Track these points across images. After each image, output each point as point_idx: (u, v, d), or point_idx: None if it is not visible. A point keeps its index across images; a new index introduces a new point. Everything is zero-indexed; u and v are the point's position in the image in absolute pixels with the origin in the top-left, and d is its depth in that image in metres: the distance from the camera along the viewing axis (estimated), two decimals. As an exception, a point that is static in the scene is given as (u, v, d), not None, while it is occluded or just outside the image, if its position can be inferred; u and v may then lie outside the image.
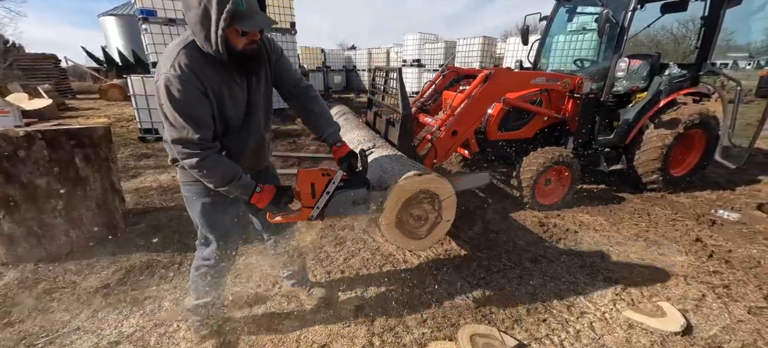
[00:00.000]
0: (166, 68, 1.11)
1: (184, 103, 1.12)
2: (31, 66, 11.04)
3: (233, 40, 1.14)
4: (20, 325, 1.73)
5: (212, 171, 1.23)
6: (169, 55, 1.14)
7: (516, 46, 11.36)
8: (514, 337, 1.70)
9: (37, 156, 2.09)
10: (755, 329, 1.78)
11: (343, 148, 1.51)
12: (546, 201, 3.20)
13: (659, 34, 14.62)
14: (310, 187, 1.42)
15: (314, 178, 1.43)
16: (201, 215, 1.43)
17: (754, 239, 2.71)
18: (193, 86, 1.13)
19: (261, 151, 1.51)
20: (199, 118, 1.17)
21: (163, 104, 1.13)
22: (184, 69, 1.12)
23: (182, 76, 1.11)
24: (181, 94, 1.11)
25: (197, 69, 1.14)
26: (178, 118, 1.13)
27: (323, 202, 1.43)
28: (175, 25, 6.69)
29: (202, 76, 1.15)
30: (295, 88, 1.50)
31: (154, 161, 4.50)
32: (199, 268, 1.55)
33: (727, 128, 3.54)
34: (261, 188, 1.35)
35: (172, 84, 1.10)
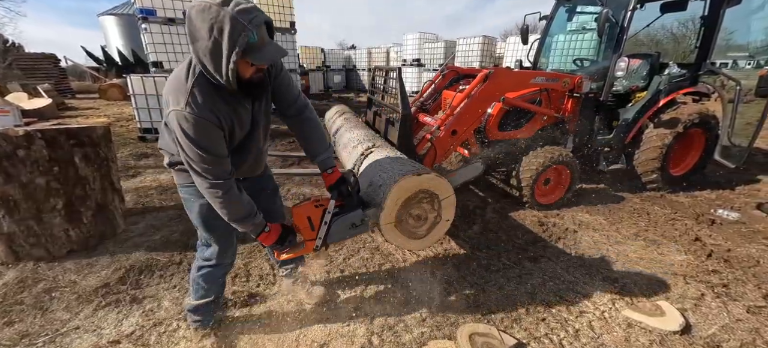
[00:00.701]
0: (180, 105, 1.10)
1: (202, 140, 1.13)
2: (31, 65, 11.03)
3: (242, 70, 1.13)
4: (20, 324, 1.73)
5: (232, 206, 1.26)
6: (181, 89, 1.12)
7: (516, 45, 11.36)
8: (514, 336, 1.70)
9: (36, 155, 2.09)
10: (754, 328, 1.79)
11: (333, 175, 1.53)
12: (545, 200, 3.20)
13: (659, 33, 14.63)
14: (307, 221, 1.47)
15: (309, 212, 1.48)
16: (199, 217, 1.44)
17: (753, 238, 2.71)
18: (209, 122, 1.13)
19: (259, 160, 1.52)
20: (218, 150, 1.18)
21: (180, 141, 1.14)
22: (199, 106, 1.11)
23: (197, 113, 1.10)
24: (197, 132, 1.11)
25: (210, 103, 1.14)
26: (198, 153, 1.14)
27: (323, 232, 1.49)
28: (174, 25, 6.68)
29: (215, 109, 1.15)
30: (291, 107, 1.50)
31: (154, 161, 4.50)
32: (201, 269, 1.55)
33: (726, 128, 3.54)
34: (270, 228, 1.40)
35: (186, 122, 1.10)
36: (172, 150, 1.33)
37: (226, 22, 0.98)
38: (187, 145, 1.13)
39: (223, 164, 1.21)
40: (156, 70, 6.89)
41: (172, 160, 1.37)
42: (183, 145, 1.14)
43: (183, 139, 1.12)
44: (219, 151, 1.19)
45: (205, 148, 1.14)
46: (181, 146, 1.15)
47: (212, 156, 1.16)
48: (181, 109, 1.10)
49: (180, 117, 1.10)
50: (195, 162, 1.16)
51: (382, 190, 1.56)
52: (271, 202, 1.68)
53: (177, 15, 6.68)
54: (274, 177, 1.78)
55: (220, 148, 1.19)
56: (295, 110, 1.50)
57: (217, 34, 1.00)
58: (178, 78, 1.15)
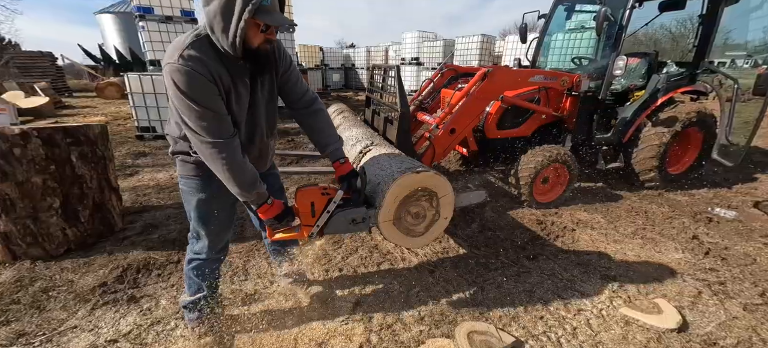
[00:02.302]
0: (173, 58, 1.07)
1: (195, 92, 1.09)
2: (28, 64, 10.96)
3: (251, 34, 1.12)
4: (17, 323, 1.72)
5: (237, 168, 1.20)
6: (177, 45, 1.10)
7: (514, 44, 11.38)
8: (512, 334, 1.71)
9: (33, 154, 2.08)
10: (750, 326, 1.80)
11: (346, 166, 1.51)
12: (544, 199, 3.21)
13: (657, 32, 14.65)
14: (310, 206, 1.44)
15: (314, 197, 1.44)
16: (196, 210, 1.43)
17: (750, 237, 2.73)
18: (200, 74, 1.08)
19: (264, 153, 1.50)
20: (215, 105, 1.14)
21: (175, 99, 1.10)
22: (193, 59, 1.08)
23: (188, 66, 1.06)
24: (188, 84, 1.07)
25: (206, 60, 1.11)
26: (194, 108, 1.09)
27: (323, 220, 1.46)
28: (171, 23, 6.66)
29: (211, 67, 1.12)
30: (300, 100, 1.49)
31: (152, 160, 4.49)
32: (191, 262, 1.55)
33: (724, 126, 3.55)
34: (272, 202, 1.37)
35: (178, 74, 1.06)
36: (176, 134, 1.30)
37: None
38: (182, 101, 1.09)
39: (223, 122, 1.16)
40: (153, 69, 6.87)
41: (176, 149, 1.35)
42: (177, 103, 1.10)
43: (176, 94, 1.08)
44: (216, 107, 1.14)
45: (199, 102, 1.09)
46: (175, 106, 1.11)
47: (209, 111, 1.11)
48: (174, 61, 1.06)
49: (173, 70, 1.06)
50: (191, 119, 1.11)
51: (381, 188, 1.56)
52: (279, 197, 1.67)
53: (174, 13, 6.65)
54: None
55: (217, 105, 1.14)
56: (303, 103, 1.50)
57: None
58: (178, 40, 1.13)
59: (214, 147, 1.16)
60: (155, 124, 5.39)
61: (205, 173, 1.38)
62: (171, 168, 4.15)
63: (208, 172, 1.36)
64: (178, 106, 1.11)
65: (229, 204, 1.51)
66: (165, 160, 4.45)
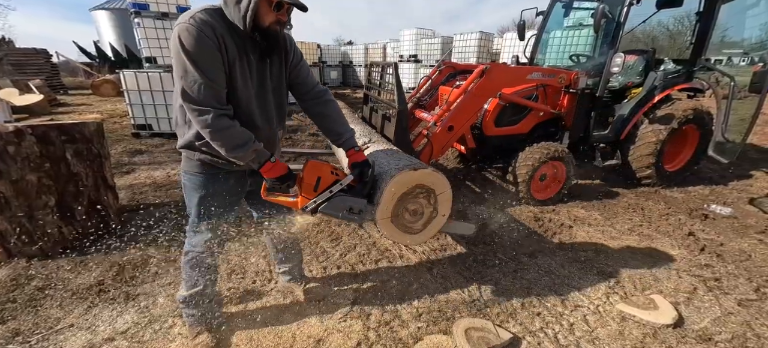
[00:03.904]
0: (183, 19, 1.10)
1: (197, 54, 1.10)
2: (22, 61, 10.83)
3: (263, 12, 1.14)
4: (13, 322, 1.71)
5: (224, 133, 1.19)
6: (189, 12, 1.13)
7: (512, 41, 11.37)
8: (509, 330, 1.72)
9: (27, 152, 2.06)
10: (745, 321, 1.81)
11: (360, 155, 1.52)
12: (541, 196, 3.22)
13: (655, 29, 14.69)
14: (316, 180, 1.40)
15: (322, 173, 1.41)
16: (196, 206, 1.44)
17: (745, 233, 2.75)
18: (207, 37, 1.10)
19: (272, 145, 1.47)
20: (213, 72, 1.14)
21: (176, 56, 1.11)
22: (204, 22, 1.10)
23: (198, 26, 1.09)
24: (194, 45, 1.08)
25: (215, 26, 1.12)
26: (191, 70, 1.10)
27: (323, 198, 1.41)
28: (168, 19, 6.59)
29: (219, 34, 1.13)
30: (310, 91, 1.49)
31: (148, 157, 4.46)
32: (188, 254, 1.54)
33: (720, 123, 3.57)
34: (275, 160, 1.34)
35: (186, 33, 1.08)
36: (180, 120, 1.32)
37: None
38: (182, 59, 1.10)
39: (217, 90, 1.16)
40: (149, 66, 6.80)
41: (182, 143, 1.36)
42: (177, 61, 1.12)
43: (179, 52, 1.09)
44: (213, 74, 1.14)
45: (198, 64, 1.10)
46: (176, 63, 1.13)
47: (206, 77, 1.12)
48: (185, 21, 1.09)
49: (181, 28, 1.08)
50: (186, 79, 1.12)
51: (379, 185, 1.55)
52: None
53: (171, 9, 6.59)
54: None
55: (216, 73, 1.15)
56: (313, 94, 1.50)
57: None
58: (192, 8, 1.17)
59: (201, 114, 1.15)
60: (151, 122, 5.35)
61: (209, 171, 1.39)
62: (167, 166, 4.12)
63: (212, 170, 1.38)
64: (178, 64, 1.12)
65: (231, 202, 1.51)
66: (161, 158, 4.42)
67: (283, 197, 1.44)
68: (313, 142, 5.46)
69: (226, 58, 1.18)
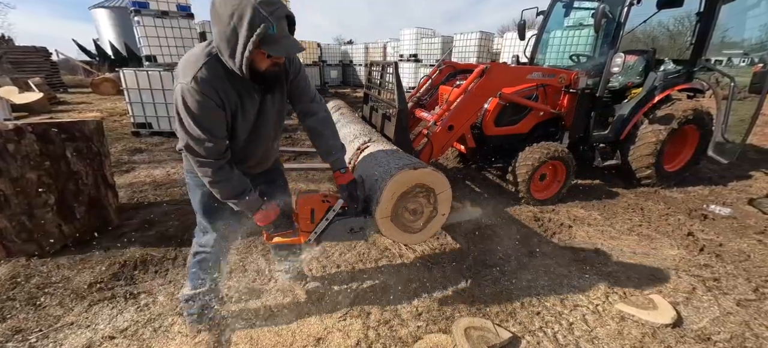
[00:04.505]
0: (185, 79, 1.11)
1: (200, 116, 1.14)
2: (21, 59, 10.81)
3: (258, 61, 1.13)
4: (12, 320, 1.71)
5: (222, 183, 1.26)
6: (191, 64, 1.13)
7: (513, 41, 11.36)
8: (509, 329, 1.72)
9: (27, 150, 2.06)
10: (743, 321, 1.82)
11: (346, 176, 1.54)
12: (541, 196, 3.22)
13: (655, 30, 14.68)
14: (310, 213, 1.47)
15: (314, 204, 1.47)
16: (201, 204, 1.46)
17: (744, 233, 2.75)
18: (210, 99, 1.14)
19: (267, 155, 1.53)
20: (215, 130, 1.19)
21: (180, 113, 1.15)
22: (205, 82, 1.12)
23: (200, 89, 1.11)
24: (197, 107, 1.13)
25: (216, 83, 1.15)
26: (194, 129, 1.15)
27: (321, 228, 1.48)
28: (167, 18, 6.59)
29: (221, 90, 1.16)
30: (306, 103, 1.51)
31: (148, 156, 4.46)
32: (197, 255, 1.57)
33: (720, 124, 3.57)
34: (267, 207, 1.40)
35: (189, 96, 1.11)
36: None
37: (248, 10, 1.00)
38: (185, 119, 1.14)
39: (218, 144, 1.21)
40: (149, 64, 6.80)
41: (182, 145, 1.37)
42: (182, 118, 1.15)
43: (183, 111, 1.14)
44: (216, 131, 1.19)
45: (202, 125, 1.15)
46: (179, 119, 1.16)
47: (208, 134, 1.17)
48: (186, 82, 1.11)
49: (184, 90, 1.12)
50: (190, 137, 1.17)
51: (378, 184, 1.55)
52: (280, 197, 1.67)
53: (170, 8, 6.58)
54: None
55: (217, 129, 1.20)
56: (310, 109, 1.52)
57: (237, 21, 1.02)
58: (193, 54, 1.17)
59: (202, 166, 1.22)
60: (151, 121, 5.35)
61: None
62: (167, 164, 4.12)
63: None
64: (183, 121, 1.16)
65: None
66: (161, 157, 4.42)
67: (285, 237, 1.52)
68: (313, 141, 5.45)
69: (229, 109, 1.21)
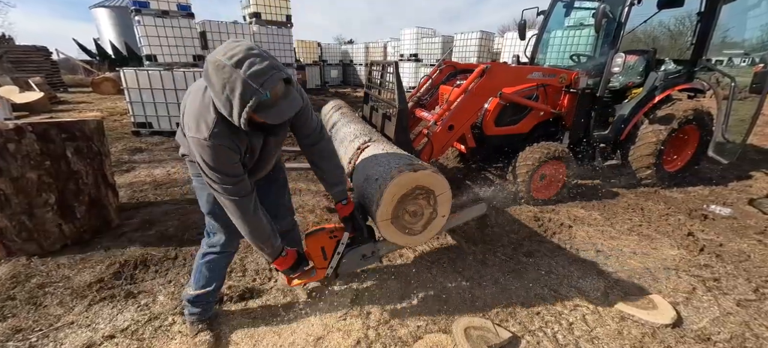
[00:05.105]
0: (202, 135, 1.16)
1: (221, 166, 1.22)
2: (22, 59, 10.81)
3: (257, 119, 1.14)
4: (13, 319, 1.71)
5: (250, 223, 1.33)
6: (204, 117, 1.17)
7: (513, 41, 11.36)
8: (508, 329, 1.72)
9: (28, 149, 2.06)
10: (743, 321, 1.82)
11: (348, 207, 1.60)
12: (541, 196, 3.22)
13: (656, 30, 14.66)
14: (321, 251, 1.54)
15: (323, 242, 1.54)
16: (207, 204, 1.49)
17: (744, 234, 2.75)
18: (227, 149, 1.20)
19: (270, 163, 1.57)
20: (235, 172, 1.27)
21: (202, 166, 1.22)
22: (219, 137, 1.17)
23: (217, 142, 1.17)
24: (218, 159, 1.20)
25: (229, 133, 1.19)
26: (219, 176, 1.23)
27: (335, 262, 1.55)
28: (167, 17, 6.59)
29: (234, 139, 1.22)
30: (308, 137, 1.54)
31: (148, 156, 4.46)
32: (206, 256, 1.58)
33: (721, 124, 3.57)
34: (286, 253, 1.48)
35: (209, 151, 1.18)
36: (186, 146, 1.38)
37: (238, 85, 1.00)
38: (209, 170, 1.22)
39: (242, 183, 1.28)
40: (150, 64, 6.80)
41: (185, 152, 1.44)
42: (204, 170, 1.23)
43: (204, 164, 1.22)
44: (237, 172, 1.27)
45: (224, 171, 1.23)
46: (203, 170, 1.24)
47: (231, 177, 1.25)
48: (203, 138, 1.17)
49: (201, 146, 1.18)
50: (216, 183, 1.25)
51: (379, 185, 1.55)
52: (281, 194, 1.74)
53: (170, 7, 6.58)
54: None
55: (238, 171, 1.27)
56: (311, 140, 1.55)
57: (229, 93, 1.03)
58: (203, 103, 1.19)
59: (233, 203, 1.29)
60: (152, 120, 5.35)
61: None
62: (168, 164, 4.12)
63: None
64: (206, 172, 1.23)
65: None
66: (162, 157, 4.42)
67: (304, 278, 1.57)
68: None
69: (242, 153, 1.28)
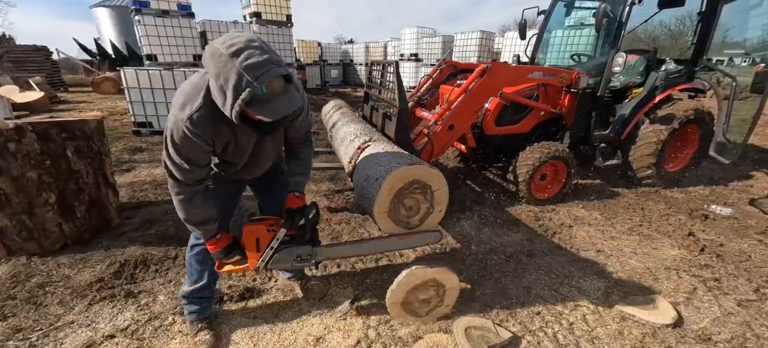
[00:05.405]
0: (183, 114, 1.12)
1: (186, 151, 1.17)
2: (22, 58, 10.81)
3: (251, 115, 1.08)
4: (13, 319, 1.71)
5: (189, 209, 1.29)
6: (189, 99, 1.14)
7: (513, 40, 11.35)
8: (509, 329, 1.72)
9: (28, 148, 2.06)
10: (744, 321, 1.82)
11: (296, 201, 1.54)
12: (541, 195, 3.22)
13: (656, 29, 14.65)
14: (255, 242, 1.48)
15: (259, 234, 1.48)
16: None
17: (745, 234, 2.75)
18: (201, 139, 1.16)
19: (266, 168, 1.57)
20: (196, 162, 1.22)
21: (167, 140, 1.18)
22: (199, 125, 1.13)
23: (193, 130, 1.13)
24: (186, 144, 1.16)
25: (209, 126, 1.16)
26: (177, 158, 1.18)
27: (268, 256, 1.49)
28: (168, 17, 6.59)
29: (213, 132, 1.18)
30: (296, 140, 1.54)
31: (149, 155, 4.46)
32: (193, 249, 1.57)
33: (722, 124, 3.57)
34: (220, 236, 1.43)
35: (180, 132, 1.14)
36: None
37: (232, 75, 0.97)
38: (171, 148, 1.18)
39: (196, 174, 1.24)
40: (150, 63, 6.80)
41: None
42: (168, 145, 1.19)
43: (169, 141, 1.17)
44: (197, 162, 1.22)
45: (185, 157, 1.18)
46: (165, 144, 1.20)
47: (189, 164, 1.20)
48: (182, 118, 1.12)
49: (177, 124, 1.14)
50: (170, 163, 1.21)
51: (378, 183, 1.55)
52: (281, 194, 1.67)
53: (171, 7, 6.58)
54: None
55: (199, 161, 1.23)
56: (297, 143, 1.56)
57: (223, 83, 1.00)
58: (196, 86, 1.16)
59: (176, 187, 1.25)
60: (152, 120, 5.35)
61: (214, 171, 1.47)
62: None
63: (216, 172, 1.47)
64: (168, 148, 1.19)
65: (229, 192, 1.55)
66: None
67: (235, 266, 1.51)
68: (314, 140, 5.45)
69: (218, 145, 1.24)
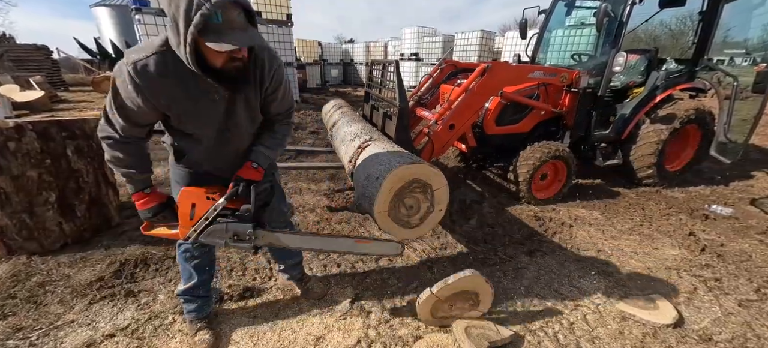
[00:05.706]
0: (130, 59, 1.04)
1: (124, 101, 1.09)
2: (23, 57, 10.81)
3: (210, 56, 1.02)
4: (13, 318, 1.71)
5: (111, 151, 1.19)
6: (142, 49, 1.06)
7: (514, 40, 11.35)
8: (509, 328, 1.71)
9: (28, 147, 2.06)
10: (745, 321, 1.81)
11: (251, 172, 1.33)
12: (542, 195, 3.21)
13: (657, 29, 14.65)
14: (190, 207, 1.29)
15: (196, 199, 1.29)
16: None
17: (746, 234, 2.74)
18: (141, 92, 1.06)
19: (240, 161, 1.39)
20: (135, 118, 1.13)
21: (111, 89, 1.10)
22: (142, 74, 1.04)
23: (136, 79, 1.04)
24: (126, 93, 1.08)
25: (156, 80, 1.06)
26: (112, 104, 1.11)
27: (201, 226, 1.29)
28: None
29: (160, 87, 1.08)
30: (272, 116, 1.41)
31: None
32: (181, 246, 1.56)
33: (723, 124, 3.56)
34: (150, 191, 1.30)
35: (122, 79, 1.06)
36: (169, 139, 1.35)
37: (183, 0, 0.89)
38: (113, 93, 1.10)
39: (132, 130, 1.16)
40: (150, 63, 6.77)
41: (164, 139, 1.39)
42: (111, 90, 1.10)
43: (111, 88, 1.10)
44: (133, 118, 1.13)
45: (119, 105, 1.10)
46: (110, 89, 1.11)
47: (122, 116, 1.12)
48: (127, 62, 1.04)
49: (120, 68, 1.06)
50: (108, 106, 1.13)
51: (379, 182, 1.55)
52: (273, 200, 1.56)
53: (171, 6, 6.56)
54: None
55: (138, 117, 1.13)
56: (276, 119, 1.43)
57: (175, 9, 0.91)
58: (154, 40, 1.08)
59: (105, 129, 1.16)
60: (152, 119, 5.35)
61: (177, 154, 1.37)
62: (167, 162, 4.12)
63: (179, 153, 1.37)
64: (111, 92, 1.11)
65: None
66: (162, 155, 4.41)
67: (163, 230, 1.36)
68: (314, 140, 5.46)
69: (163, 103, 1.12)
